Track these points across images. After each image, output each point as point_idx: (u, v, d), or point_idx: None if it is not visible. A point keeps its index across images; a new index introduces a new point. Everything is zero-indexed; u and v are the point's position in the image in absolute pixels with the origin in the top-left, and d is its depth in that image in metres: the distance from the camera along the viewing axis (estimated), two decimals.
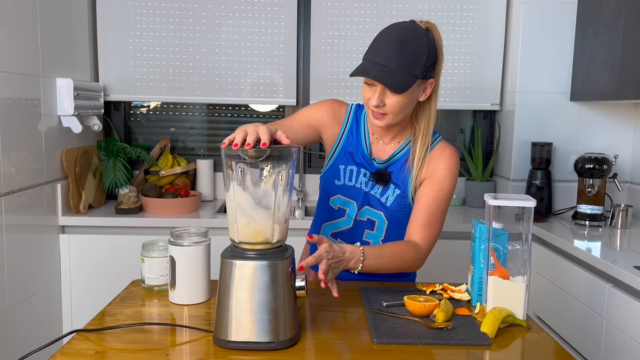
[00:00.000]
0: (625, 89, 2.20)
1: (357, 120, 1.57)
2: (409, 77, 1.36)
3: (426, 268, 2.43)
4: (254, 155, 1.12)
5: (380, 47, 1.37)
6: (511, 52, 2.75)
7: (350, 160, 1.55)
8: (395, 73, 1.34)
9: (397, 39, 1.35)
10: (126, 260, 2.39)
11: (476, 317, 1.29)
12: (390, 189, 1.52)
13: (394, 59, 1.34)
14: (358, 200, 1.55)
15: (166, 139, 2.87)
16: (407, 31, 1.37)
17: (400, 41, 1.35)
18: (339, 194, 1.56)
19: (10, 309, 2.02)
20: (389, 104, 1.39)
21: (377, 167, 1.54)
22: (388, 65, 1.34)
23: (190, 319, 1.29)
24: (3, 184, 1.96)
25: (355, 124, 1.57)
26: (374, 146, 1.56)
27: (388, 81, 1.34)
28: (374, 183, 1.53)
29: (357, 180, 1.55)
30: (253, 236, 1.15)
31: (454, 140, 3.06)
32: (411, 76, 1.36)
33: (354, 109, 1.59)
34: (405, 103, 1.40)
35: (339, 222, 1.58)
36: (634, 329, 1.68)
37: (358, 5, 2.79)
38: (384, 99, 1.39)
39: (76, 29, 2.55)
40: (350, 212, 1.56)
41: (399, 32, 1.36)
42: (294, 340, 1.15)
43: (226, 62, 2.83)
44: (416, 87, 1.40)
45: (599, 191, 2.45)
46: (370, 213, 1.55)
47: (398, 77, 1.35)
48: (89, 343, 1.15)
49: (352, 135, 1.56)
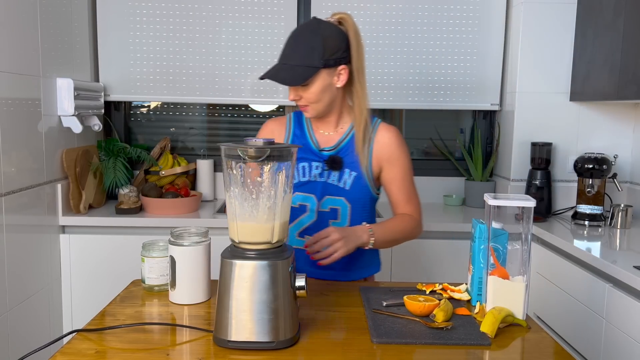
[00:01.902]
0: (625, 89, 2.20)
1: (299, 122, 1.67)
2: (307, 69, 1.47)
3: (426, 268, 2.44)
4: (254, 155, 1.12)
5: (283, 48, 1.51)
6: (511, 52, 2.75)
7: (300, 158, 1.62)
8: (293, 68, 1.47)
9: (293, 38, 1.50)
10: (126, 260, 2.39)
11: (476, 317, 1.29)
12: (346, 173, 1.60)
13: (290, 56, 1.48)
14: (317, 193, 1.60)
15: (166, 139, 2.87)
16: (302, 28, 1.51)
17: (295, 39, 1.50)
18: (297, 191, 1.61)
19: (10, 309, 2.02)
20: (305, 97, 1.52)
21: (327, 155, 1.60)
22: (287, 63, 1.48)
23: (190, 319, 1.29)
24: (3, 184, 1.96)
25: (298, 125, 1.66)
26: (320, 138, 1.63)
27: (281, 77, 1.47)
28: (329, 172, 1.60)
29: (311, 174, 1.60)
30: (253, 236, 1.15)
31: (454, 141, 3.06)
32: (310, 68, 1.47)
33: (294, 116, 1.69)
34: (319, 92, 1.51)
35: (302, 219, 1.62)
36: (634, 329, 1.68)
37: (358, 5, 2.79)
38: (299, 93, 1.52)
39: (76, 29, 2.55)
40: (312, 206, 1.61)
41: (295, 32, 1.51)
42: (294, 340, 1.15)
43: (226, 62, 2.83)
44: (325, 75, 1.50)
45: (598, 191, 2.45)
46: (331, 202, 1.60)
47: (295, 71, 1.47)
48: (89, 343, 1.15)
49: (296, 136, 1.65)
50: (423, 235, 2.40)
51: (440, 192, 2.97)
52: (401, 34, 2.82)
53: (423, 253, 2.44)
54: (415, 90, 2.86)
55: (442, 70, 2.85)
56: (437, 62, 2.84)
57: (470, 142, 3.02)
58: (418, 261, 2.43)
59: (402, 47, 2.83)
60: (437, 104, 2.88)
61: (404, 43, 2.83)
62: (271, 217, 1.15)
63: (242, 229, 1.16)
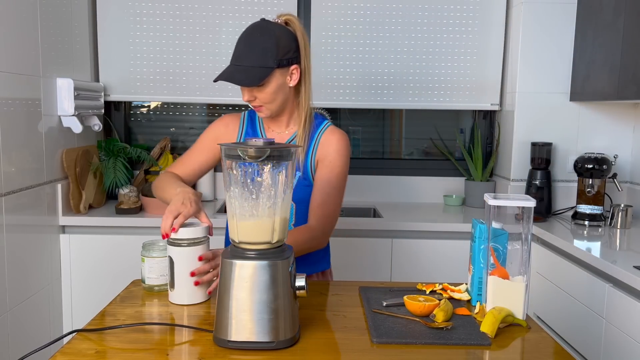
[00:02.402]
0: (625, 89, 2.20)
1: (252, 120, 1.68)
2: (262, 70, 1.47)
3: (426, 268, 2.44)
4: (254, 155, 1.12)
5: (235, 50, 1.50)
6: (511, 52, 2.75)
7: None
8: (247, 69, 1.46)
9: (245, 39, 1.49)
10: (126, 260, 2.39)
11: (476, 317, 1.29)
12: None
13: (244, 57, 1.47)
14: None
15: (166, 139, 2.87)
16: (253, 29, 1.50)
17: (247, 40, 1.49)
18: None
19: (11, 308, 2.02)
20: (259, 97, 1.51)
21: None
22: (241, 64, 1.47)
23: (190, 319, 1.29)
24: (3, 184, 1.96)
25: (250, 124, 1.67)
26: (271, 137, 1.64)
27: (237, 79, 1.47)
28: None
29: None
30: (253, 236, 1.15)
31: (454, 141, 3.07)
32: (264, 68, 1.47)
33: (248, 114, 1.69)
34: (273, 92, 1.51)
35: None
36: (634, 329, 1.68)
37: (358, 5, 2.79)
38: (254, 94, 1.51)
39: (76, 29, 2.55)
40: None
41: (247, 33, 1.50)
42: (294, 340, 1.15)
43: (226, 62, 2.82)
44: (279, 75, 1.50)
45: (598, 191, 2.45)
46: None
47: (250, 72, 1.46)
48: (89, 343, 1.15)
49: (248, 135, 1.66)
50: (423, 235, 2.43)
51: (440, 192, 2.97)
52: (401, 34, 2.82)
53: (423, 253, 2.44)
54: (415, 90, 2.86)
55: (442, 70, 2.85)
56: (437, 62, 2.84)
57: (470, 142, 3.02)
58: (418, 261, 2.43)
59: (402, 47, 2.83)
60: (437, 104, 2.88)
61: (404, 43, 2.83)
62: (271, 216, 1.15)
63: (242, 229, 1.16)
